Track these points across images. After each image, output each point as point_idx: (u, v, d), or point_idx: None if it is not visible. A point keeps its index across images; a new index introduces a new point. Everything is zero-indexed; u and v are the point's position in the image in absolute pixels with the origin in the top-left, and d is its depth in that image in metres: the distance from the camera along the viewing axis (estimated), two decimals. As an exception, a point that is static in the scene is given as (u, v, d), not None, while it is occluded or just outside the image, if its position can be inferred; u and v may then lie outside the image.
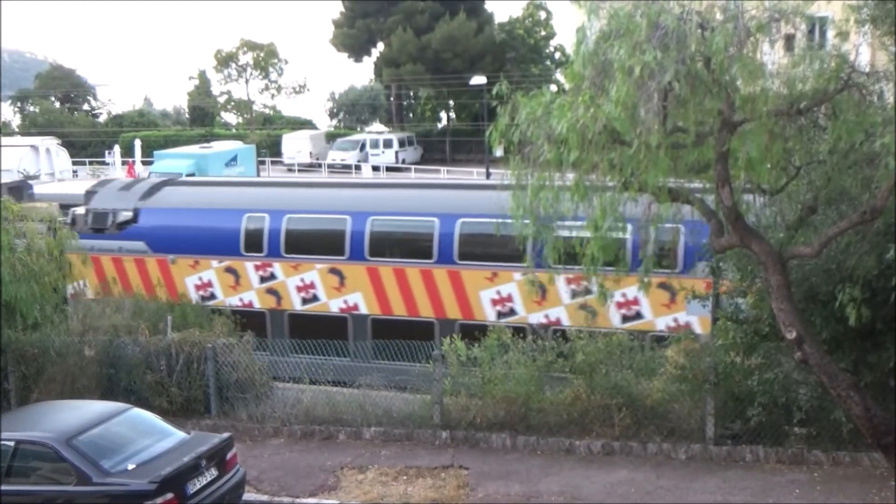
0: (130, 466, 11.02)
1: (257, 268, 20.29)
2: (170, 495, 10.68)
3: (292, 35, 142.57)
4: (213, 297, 20.67)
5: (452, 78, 63.66)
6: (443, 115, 75.11)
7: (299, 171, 61.98)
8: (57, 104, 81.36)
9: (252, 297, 20.41)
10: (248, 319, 19.07)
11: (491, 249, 18.74)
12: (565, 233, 11.30)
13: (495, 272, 18.72)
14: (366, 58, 72.77)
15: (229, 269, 20.52)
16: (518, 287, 18.42)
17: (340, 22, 70.32)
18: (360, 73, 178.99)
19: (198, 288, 20.79)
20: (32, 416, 12.84)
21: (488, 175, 50.16)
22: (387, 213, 20.05)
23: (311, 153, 64.67)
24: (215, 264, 20.65)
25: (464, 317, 19.04)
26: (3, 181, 23.73)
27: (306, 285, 20.05)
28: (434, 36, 64.46)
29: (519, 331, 16.47)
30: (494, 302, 18.84)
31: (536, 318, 18.52)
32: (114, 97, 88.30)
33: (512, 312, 18.72)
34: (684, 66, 9.47)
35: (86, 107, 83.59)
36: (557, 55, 70.65)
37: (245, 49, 74.52)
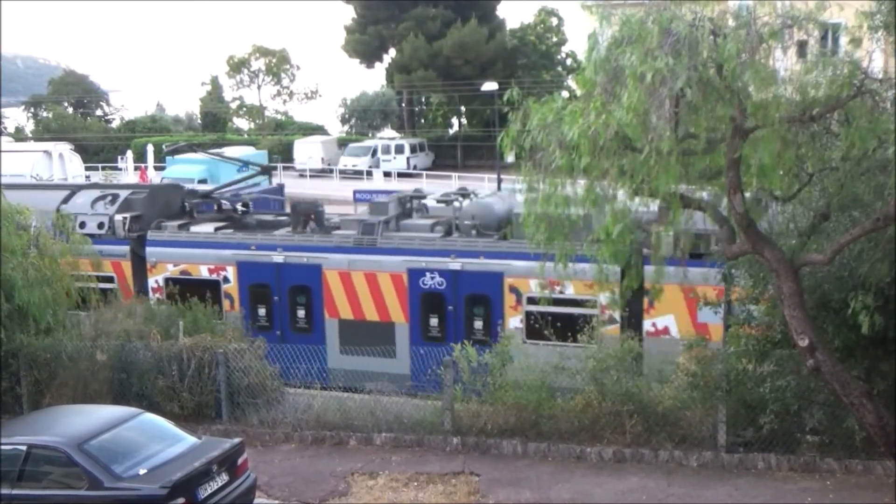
0: (142, 471, 11.04)
1: None
2: (181, 500, 10.70)
3: (304, 41, 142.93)
4: None
5: (464, 84, 63.62)
6: (454, 121, 75.02)
7: (311, 176, 62.09)
8: (70, 110, 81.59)
9: None
10: None
11: None
12: None
13: None
14: (377, 64, 72.84)
15: None
16: None
17: (352, 28, 70.43)
18: (372, 79, 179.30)
19: None
20: (44, 420, 12.90)
21: (499, 181, 50.08)
22: None
23: (322, 159, 64.69)
24: None
25: None
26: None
27: None
28: (445, 42, 64.46)
29: None
30: None
31: None
32: (126, 103, 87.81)
33: None
34: (696, 72, 9.46)
35: (98, 112, 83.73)
36: (569, 61, 70.51)
37: (257, 55, 74.79)
